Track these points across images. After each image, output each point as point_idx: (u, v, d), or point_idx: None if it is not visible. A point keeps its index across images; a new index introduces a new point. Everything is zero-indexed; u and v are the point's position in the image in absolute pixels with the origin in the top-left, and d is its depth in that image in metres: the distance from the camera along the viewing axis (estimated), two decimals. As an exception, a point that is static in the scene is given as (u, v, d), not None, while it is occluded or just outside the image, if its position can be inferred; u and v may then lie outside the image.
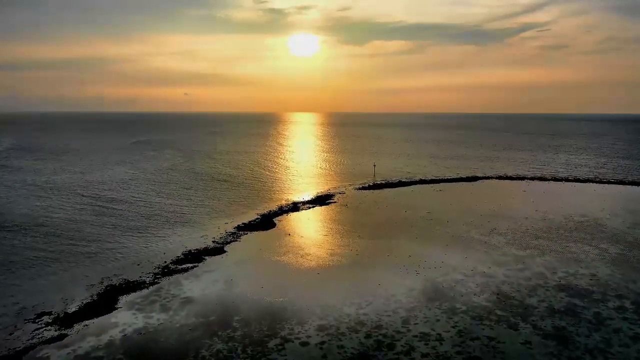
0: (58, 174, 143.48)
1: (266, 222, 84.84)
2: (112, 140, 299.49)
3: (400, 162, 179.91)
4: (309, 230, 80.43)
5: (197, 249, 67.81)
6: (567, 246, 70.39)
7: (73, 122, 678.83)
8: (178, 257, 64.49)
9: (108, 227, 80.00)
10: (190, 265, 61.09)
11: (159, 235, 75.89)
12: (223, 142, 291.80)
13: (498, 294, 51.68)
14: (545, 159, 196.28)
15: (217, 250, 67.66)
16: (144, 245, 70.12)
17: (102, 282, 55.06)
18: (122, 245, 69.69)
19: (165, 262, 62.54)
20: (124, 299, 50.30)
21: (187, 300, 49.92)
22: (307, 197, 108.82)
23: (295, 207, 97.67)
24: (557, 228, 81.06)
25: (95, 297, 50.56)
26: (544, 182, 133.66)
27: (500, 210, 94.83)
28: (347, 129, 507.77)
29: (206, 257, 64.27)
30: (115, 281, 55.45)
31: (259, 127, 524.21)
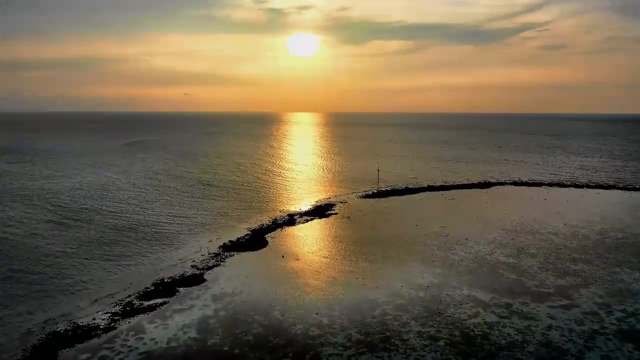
0: (32, 179, 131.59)
1: (257, 239, 73.58)
2: (104, 141, 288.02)
3: (404, 166, 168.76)
4: (307, 250, 69.00)
5: (170, 278, 56.47)
6: (613, 272, 59.32)
7: (71, 122, 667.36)
8: (147, 288, 53.25)
9: (70, 248, 68.17)
10: (159, 300, 49.79)
11: (129, 258, 64.25)
12: (219, 143, 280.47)
13: (547, 346, 40.61)
14: (556, 161, 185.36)
15: (195, 278, 56.41)
16: (108, 273, 58.67)
17: (44, 328, 43.75)
18: (81, 273, 57.98)
19: (130, 296, 51.34)
20: (64, 355, 39.16)
21: (146, 358, 38.96)
22: (305, 208, 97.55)
23: (291, 220, 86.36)
24: (594, 247, 69.97)
25: (28, 353, 39.18)
26: (564, 188, 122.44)
27: (523, 224, 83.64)
28: (347, 129, 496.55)
29: (181, 289, 53.05)
30: (62, 326, 44.13)
31: (258, 128, 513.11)
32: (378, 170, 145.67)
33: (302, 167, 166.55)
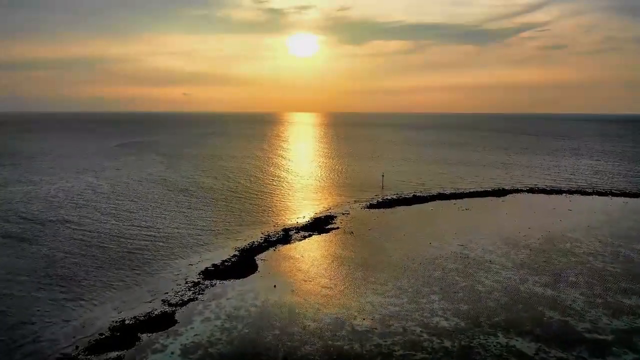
0: (4, 184, 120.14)
1: (245, 262, 62.83)
2: (97, 142, 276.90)
3: (409, 170, 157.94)
4: (304, 277, 58.16)
5: (134, 318, 45.83)
6: (676, 309, 49.07)
7: (68, 122, 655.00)
8: (101, 335, 42.19)
9: (20, 279, 56.80)
10: (113, 355, 38.54)
11: (89, 290, 53.01)
12: (214, 145, 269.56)
13: None
14: (568, 165, 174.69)
15: (165, 319, 45.48)
16: (60, 313, 47.23)
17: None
18: (25, 317, 46.85)
19: (77, 348, 40.16)
20: None
21: None
22: (302, 221, 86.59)
23: (286, 236, 75.60)
24: (642, 272, 59.72)
25: None
26: (586, 196, 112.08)
27: (552, 241, 72.80)
28: (347, 130, 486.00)
29: (143, 336, 42.11)
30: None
31: (256, 128, 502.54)
32: (382, 175, 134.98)
33: (300, 172, 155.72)
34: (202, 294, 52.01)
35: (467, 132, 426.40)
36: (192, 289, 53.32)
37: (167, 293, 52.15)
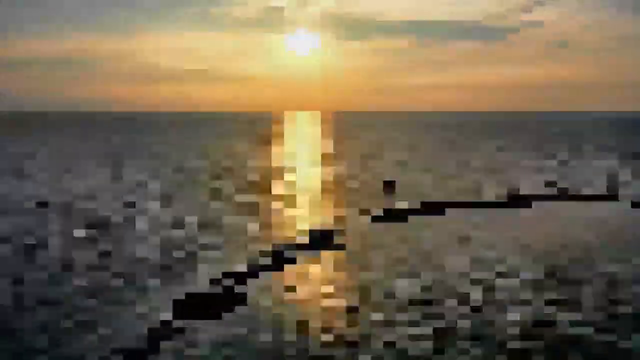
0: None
1: (225, 295, 52.05)
2: (89, 143, 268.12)
3: (417, 176, 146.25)
4: (296, 317, 45.95)
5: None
6: None
7: (67, 122, 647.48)
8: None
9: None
10: None
11: (23, 347, 42.51)
12: (207, 145, 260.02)
13: None
14: (592, 168, 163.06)
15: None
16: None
17: None
18: None
19: None
20: None
21: None
22: (297, 237, 75.27)
23: (277, 258, 63.55)
24: None
25: None
26: (620, 203, 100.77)
27: (592, 264, 58.50)
28: (348, 130, 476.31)
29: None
30: None
31: (254, 127, 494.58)
32: (389, 181, 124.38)
33: (296, 178, 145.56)
34: (166, 340, 41.31)
35: (475, 132, 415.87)
36: (154, 334, 42.60)
37: (121, 341, 41.52)
